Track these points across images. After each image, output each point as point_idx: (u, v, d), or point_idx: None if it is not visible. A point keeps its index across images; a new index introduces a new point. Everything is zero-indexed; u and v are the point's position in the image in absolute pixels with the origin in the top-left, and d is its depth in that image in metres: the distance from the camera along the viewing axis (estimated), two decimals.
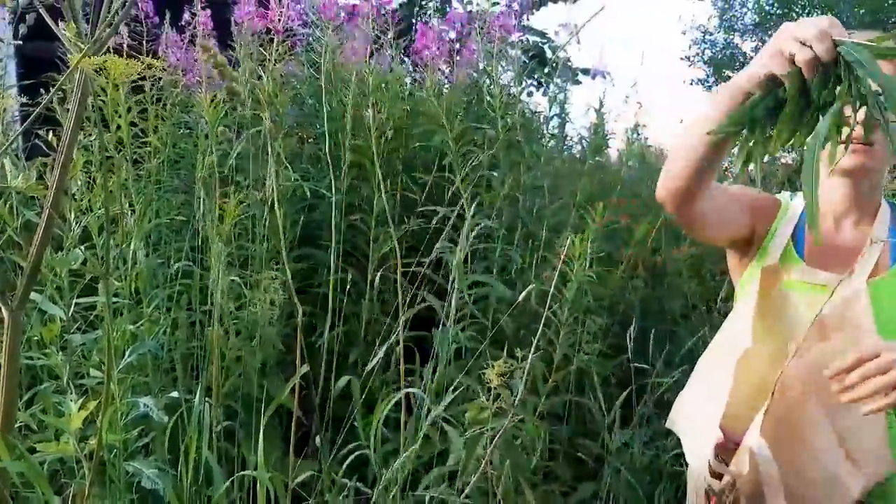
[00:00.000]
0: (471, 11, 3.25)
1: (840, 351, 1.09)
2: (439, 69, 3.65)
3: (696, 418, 1.22)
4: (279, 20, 1.76)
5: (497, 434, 1.18)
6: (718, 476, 1.12)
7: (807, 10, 8.55)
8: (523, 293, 1.22)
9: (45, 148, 1.50)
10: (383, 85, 2.67)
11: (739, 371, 1.11)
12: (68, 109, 0.97)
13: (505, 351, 1.84)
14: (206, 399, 1.43)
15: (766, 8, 8.93)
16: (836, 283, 1.17)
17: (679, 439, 1.28)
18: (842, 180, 1.22)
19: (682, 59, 9.90)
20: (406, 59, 3.10)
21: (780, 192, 1.36)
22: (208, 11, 2.11)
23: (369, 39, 2.66)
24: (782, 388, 1.08)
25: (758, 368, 1.14)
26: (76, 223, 1.52)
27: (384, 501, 1.28)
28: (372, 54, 2.85)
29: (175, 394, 1.41)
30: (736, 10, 9.41)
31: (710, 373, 1.23)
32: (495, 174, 2.65)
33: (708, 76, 9.79)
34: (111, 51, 1.98)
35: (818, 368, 1.06)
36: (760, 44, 8.84)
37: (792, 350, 1.13)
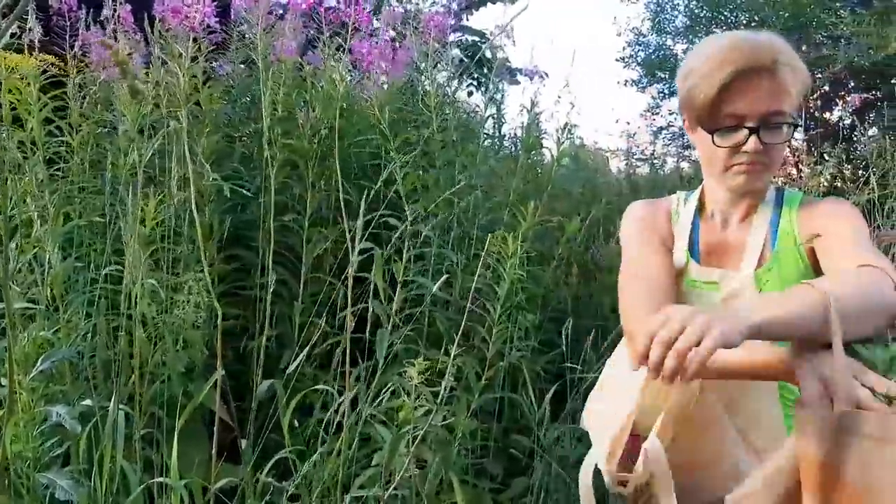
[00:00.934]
0: (405, 10, 3.25)
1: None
2: (378, 68, 3.64)
3: (603, 419, 1.22)
4: (195, 17, 1.72)
5: (421, 431, 1.18)
6: (623, 483, 1.08)
7: (735, 13, 8.81)
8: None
9: None
10: (317, 82, 2.64)
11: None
12: None
13: (442, 350, 1.85)
14: (123, 406, 1.39)
15: (696, 11, 9.17)
16: (725, 278, 1.23)
17: None
18: (731, 192, 1.26)
19: (616, 60, 10.11)
20: (343, 56, 3.07)
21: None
22: (128, 7, 2.04)
23: (301, 35, 2.63)
24: (680, 386, 1.09)
25: None
26: None
27: (308, 501, 1.27)
28: (305, 51, 2.82)
29: (89, 402, 1.37)
30: (668, 14, 9.66)
31: (618, 373, 1.25)
32: (430, 174, 2.65)
33: (641, 77, 10.01)
34: (25, 47, 1.91)
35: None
36: (691, 45, 9.12)
37: None
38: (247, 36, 2.73)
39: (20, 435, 1.22)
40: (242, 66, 2.94)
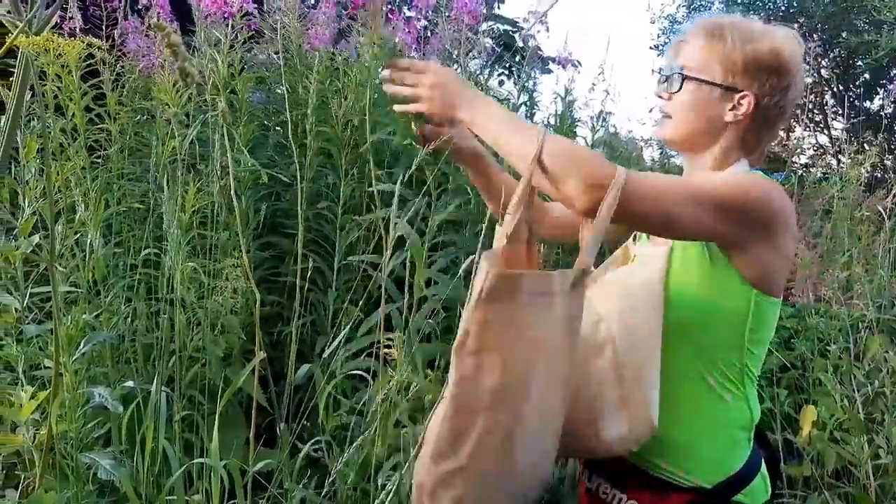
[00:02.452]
0: None
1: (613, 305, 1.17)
2: (409, 57, 3.63)
3: None
4: (233, 4, 1.73)
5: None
6: None
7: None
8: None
9: None
10: (350, 71, 2.65)
11: None
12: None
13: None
14: (165, 389, 1.41)
15: None
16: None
17: None
18: (682, 156, 1.29)
19: (650, 47, 9.98)
20: (375, 45, 3.07)
21: None
22: None
23: (334, 24, 2.63)
24: None
25: None
26: (30, 211, 1.49)
27: (342, 487, 1.28)
28: (338, 40, 2.82)
29: (131, 383, 1.39)
30: (703, 0, 9.51)
31: None
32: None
33: None
34: (64, 35, 1.94)
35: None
36: None
37: None
38: (280, 25, 2.74)
39: (64, 415, 1.25)
40: (276, 55, 2.96)
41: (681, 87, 1.21)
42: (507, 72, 5.99)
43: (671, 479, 1.12)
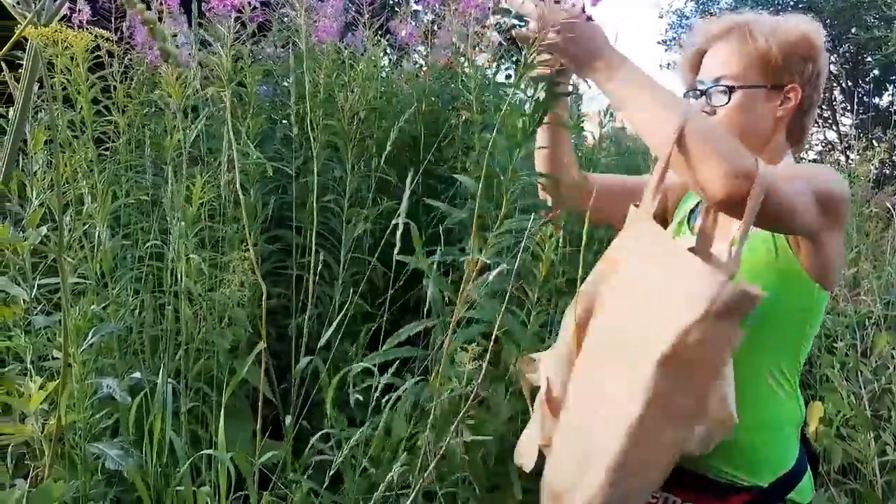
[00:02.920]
0: None
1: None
2: (416, 51, 3.63)
3: None
4: None
5: (460, 417, 1.18)
6: None
7: None
8: (497, 270, 1.22)
9: (3, 126, 1.47)
10: (356, 65, 2.65)
11: None
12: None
13: (492, 339, 1.84)
14: (171, 380, 1.42)
15: None
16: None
17: None
18: None
19: (658, 42, 9.94)
20: (382, 39, 3.08)
21: None
22: None
23: (341, 17, 2.63)
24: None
25: None
26: (38, 202, 1.49)
27: (349, 477, 1.28)
28: (345, 34, 2.82)
29: (138, 374, 1.40)
30: None
31: None
32: (468, 157, 2.64)
33: None
34: (73, 26, 1.95)
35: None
36: None
37: None
38: (288, 18, 2.74)
39: (73, 405, 1.25)
40: (283, 49, 2.96)
41: (729, 100, 1.18)
42: (514, 66, 5.98)
43: (732, 482, 1.09)
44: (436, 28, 3.21)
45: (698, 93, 1.23)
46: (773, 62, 1.16)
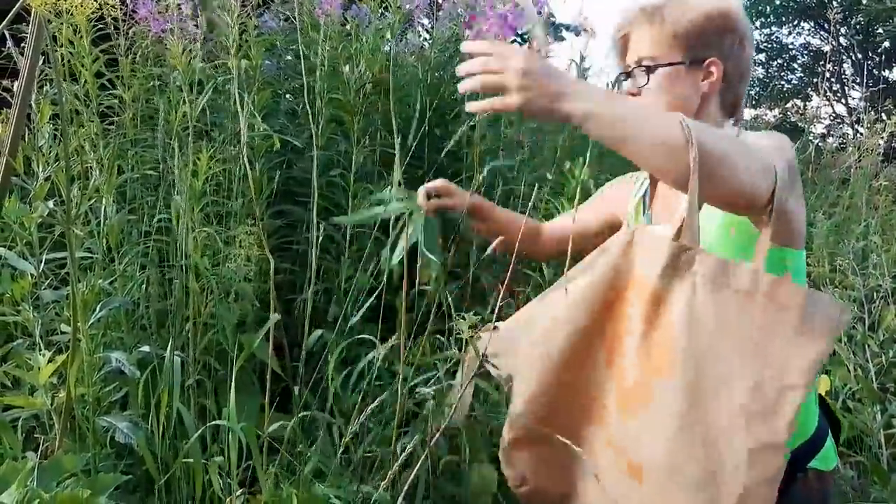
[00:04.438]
0: None
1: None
2: (420, 23, 3.59)
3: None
4: None
5: (464, 386, 1.18)
6: None
7: None
8: (494, 243, 1.21)
9: (9, 100, 1.46)
10: (361, 36, 2.62)
11: None
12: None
13: (489, 308, 1.85)
14: (180, 354, 1.43)
15: None
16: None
17: None
18: None
19: None
20: (387, 12, 3.04)
21: None
22: None
23: None
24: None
25: None
26: (44, 176, 1.49)
27: (354, 450, 1.29)
28: (349, 6, 2.79)
29: (146, 348, 1.41)
30: None
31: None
32: (474, 131, 2.62)
33: None
34: None
35: None
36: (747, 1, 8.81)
37: None
38: None
39: (82, 379, 1.26)
40: (286, 22, 2.93)
41: (648, 80, 1.21)
42: (519, 39, 5.92)
43: None
44: (441, 1, 3.18)
45: (624, 75, 1.27)
46: (688, 38, 1.19)
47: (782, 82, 15.73)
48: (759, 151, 0.95)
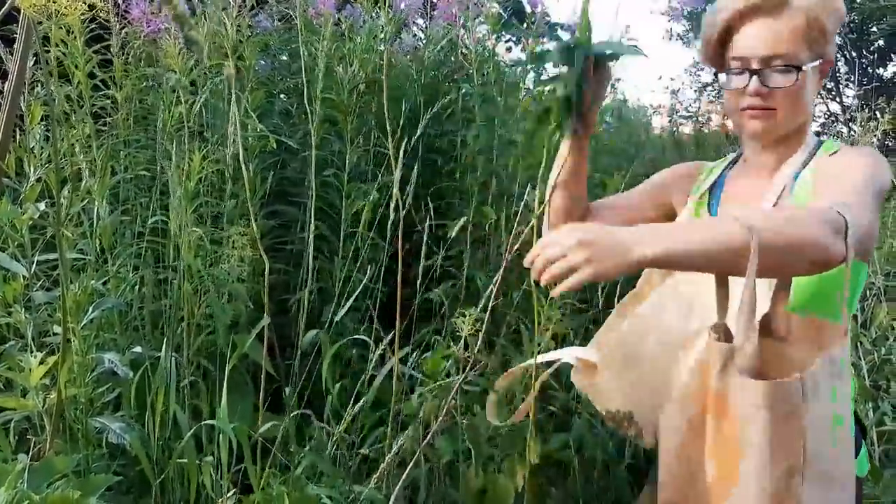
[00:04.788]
0: None
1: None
2: (415, 23, 3.59)
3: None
4: None
5: (457, 384, 1.19)
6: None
7: None
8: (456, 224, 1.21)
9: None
10: (355, 37, 2.62)
11: None
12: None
13: (479, 307, 1.85)
14: (174, 354, 1.43)
15: None
16: None
17: None
18: (752, 140, 1.20)
19: (662, 13, 9.84)
20: (381, 11, 3.04)
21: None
22: None
23: None
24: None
25: None
26: (35, 178, 1.49)
27: (343, 448, 1.29)
28: (343, 6, 2.79)
29: (139, 349, 1.40)
30: None
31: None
32: (469, 130, 2.62)
33: (687, 31, 9.73)
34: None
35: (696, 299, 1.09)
36: None
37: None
38: None
39: (74, 380, 1.26)
40: (280, 22, 2.92)
41: (797, 80, 1.11)
42: (514, 39, 5.93)
43: None
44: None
45: (737, 71, 1.14)
46: (824, 34, 1.11)
47: None
48: (829, 212, 0.93)
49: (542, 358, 1.17)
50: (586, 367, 1.16)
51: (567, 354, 1.16)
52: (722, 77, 1.18)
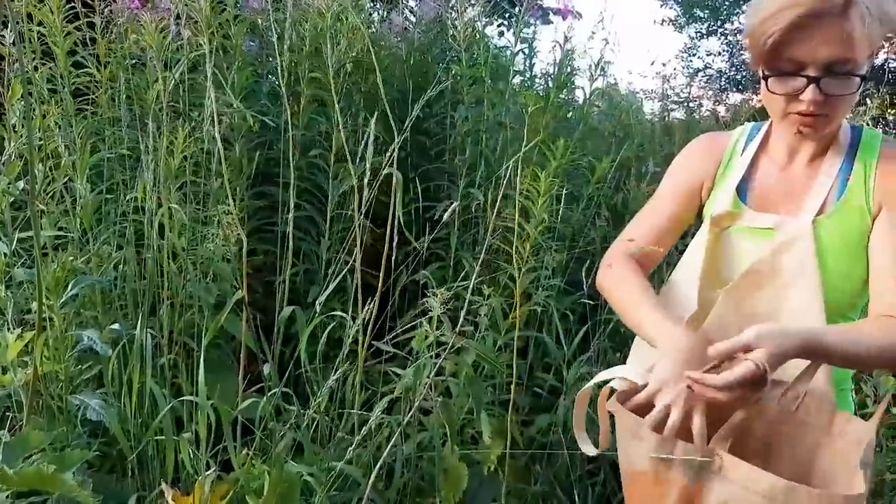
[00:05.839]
0: None
1: (772, 302, 1.09)
2: (405, 4, 3.56)
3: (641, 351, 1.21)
4: None
5: (438, 362, 1.18)
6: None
7: None
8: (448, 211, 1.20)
9: None
10: (344, 16, 2.59)
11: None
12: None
13: (469, 291, 1.84)
14: (151, 331, 1.42)
15: None
16: (782, 225, 1.12)
17: None
18: (794, 137, 1.14)
19: None
20: None
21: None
22: None
23: None
24: (706, 336, 1.04)
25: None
26: (15, 153, 1.47)
27: (322, 423, 1.29)
28: None
29: (116, 326, 1.40)
30: None
31: None
32: (457, 112, 2.61)
33: (679, 16, 9.69)
34: None
35: (758, 317, 1.06)
36: None
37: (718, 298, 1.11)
38: None
39: (53, 356, 1.25)
40: (269, 2, 2.89)
41: (857, 89, 1.05)
42: (506, 22, 5.89)
43: None
44: None
45: (790, 72, 1.06)
46: (875, 40, 1.04)
47: None
48: None
49: (602, 376, 1.13)
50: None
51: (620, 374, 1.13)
52: (765, 78, 1.09)
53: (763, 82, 1.11)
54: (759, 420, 1.08)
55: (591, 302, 2.08)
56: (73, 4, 1.83)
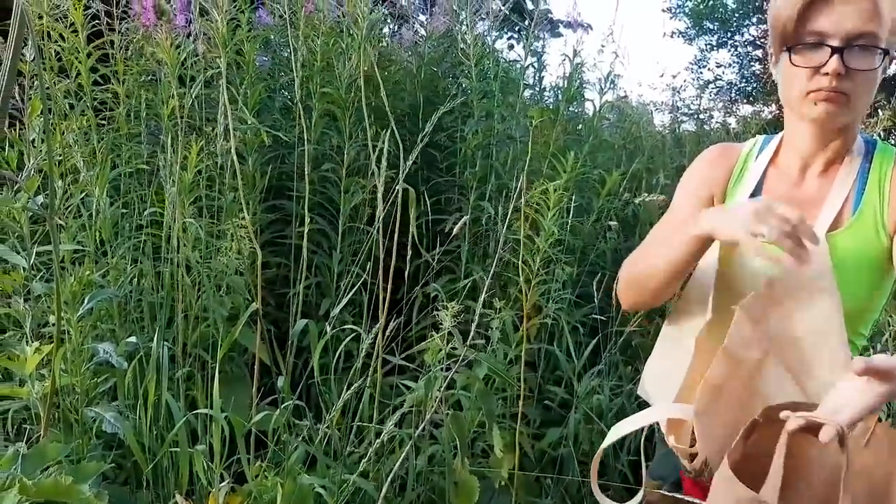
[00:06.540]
0: None
1: (792, 317, 1.06)
2: (415, 19, 3.59)
3: (660, 393, 1.18)
4: None
5: (449, 375, 1.19)
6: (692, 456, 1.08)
7: None
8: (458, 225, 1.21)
9: None
10: (354, 31, 2.62)
11: (700, 342, 1.06)
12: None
13: (479, 303, 1.86)
14: (167, 344, 1.43)
15: None
16: None
17: None
18: (812, 127, 1.11)
19: (663, 10, 9.82)
20: (380, 6, 3.04)
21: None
22: None
23: None
24: (728, 354, 1.00)
25: (719, 337, 1.04)
26: (35, 169, 1.49)
27: (335, 436, 1.30)
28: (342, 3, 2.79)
29: (133, 339, 1.41)
30: None
31: (672, 343, 1.20)
32: (467, 125, 2.63)
33: (688, 28, 9.69)
34: None
35: (777, 333, 1.03)
36: None
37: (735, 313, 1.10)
38: None
39: (69, 369, 1.27)
40: (280, 18, 2.93)
41: (881, 65, 1.02)
42: (515, 36, 5.92)
43: None
44: None
45: (812, 45, 1.03)
46: None
47: None
48: None
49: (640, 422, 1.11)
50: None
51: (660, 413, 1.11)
52: (786, 55, 1.06)
53: (781, 71, 1.10)
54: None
55: (601, 315, 2.08)
56: (95, 23, 1.86)
